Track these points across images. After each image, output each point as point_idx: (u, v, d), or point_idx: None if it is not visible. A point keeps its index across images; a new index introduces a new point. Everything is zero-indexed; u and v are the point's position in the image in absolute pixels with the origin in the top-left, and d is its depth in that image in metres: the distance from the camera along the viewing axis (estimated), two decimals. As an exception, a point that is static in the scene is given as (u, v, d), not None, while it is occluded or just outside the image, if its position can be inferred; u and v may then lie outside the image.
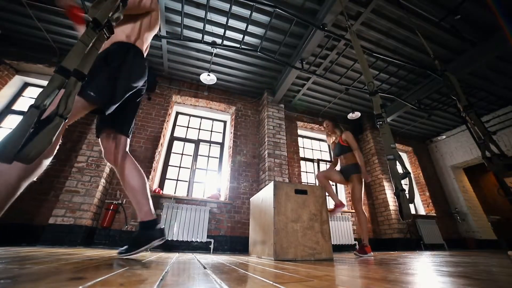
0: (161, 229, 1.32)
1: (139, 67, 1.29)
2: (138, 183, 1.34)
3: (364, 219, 2.67)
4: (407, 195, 0.91)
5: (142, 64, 1.33)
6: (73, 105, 0.67)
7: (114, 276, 0.67)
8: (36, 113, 0.60)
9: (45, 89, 0.63)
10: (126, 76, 1.20)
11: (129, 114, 1.43)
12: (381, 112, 1.08)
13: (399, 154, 0.99)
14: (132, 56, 1.26)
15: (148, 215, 1.32)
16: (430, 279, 0.79)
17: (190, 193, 3.86)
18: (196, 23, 3.33)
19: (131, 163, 1.39)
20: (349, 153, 2.91)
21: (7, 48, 3.56)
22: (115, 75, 1.15)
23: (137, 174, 1.36)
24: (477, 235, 5.13)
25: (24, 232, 2.71)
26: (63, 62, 0.67)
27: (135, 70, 1.27)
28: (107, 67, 1.12)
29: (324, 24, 2.96)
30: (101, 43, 0.79)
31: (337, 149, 3.02)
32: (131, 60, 1.24)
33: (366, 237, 2.59)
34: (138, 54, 1.31)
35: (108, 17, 0.80)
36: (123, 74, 1.19)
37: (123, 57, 1.22)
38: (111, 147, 1.38)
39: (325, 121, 3.25)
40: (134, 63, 1.27)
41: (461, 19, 3.10)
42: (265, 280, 0.71)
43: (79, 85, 0.69)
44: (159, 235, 1.29)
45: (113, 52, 1.18)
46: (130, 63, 1.24)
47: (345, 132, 2.97)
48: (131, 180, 1.34)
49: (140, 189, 1.33)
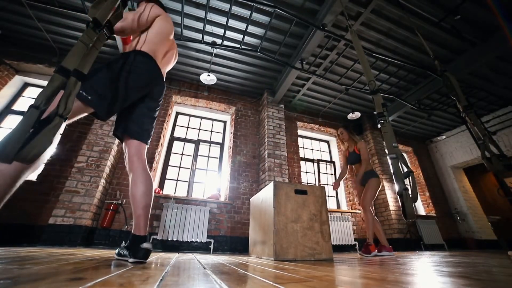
0: (146, 249, 1.17)
1: (142, 68, 1.26)
2: (139, 196, 1.23)
3: (371, 219, 2.69)
4: (410, 194, 0.90)
5: (145, 64, 1.29)
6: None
7: (114, 276, 0.67)
8: (36, 113, 0.60)
9: (45, 89, 0.63)
10: (126, 77, 1.18)
11: (142, 118, 1.35)
12: (382, 111, 1.08)
13: (402, 153, 0.98)
14: (133, 58, 1.25)
15: (137, 229, 1.22)
16: (430, 279, 0.79)
17: (190, 193, 3.85)
18: (196, 23, 3.33)
19: (140, 173, 1.28)
20: None
21: (7, 48, 3.56)
22: (114, 78, 1.13)
23: (142, 187, 1.25)
24: (477, 235, 5.13)
25: (24, 232, 2.71)
26: (63, 62, 0.67)
27: (137, 71, 1.24)
28: (106, 69, 1.12)
29: (324, 24, 2.97)
30: (101, 43, 0.79)
31: (352, 158, 3.08)
32: (131, 61, 1.23)
33: (371, 235, 2.60)
34: (141, 55, 1.30)
35: (108, 17, 0.80)
36: (123, 75, 1.17)
37: (124, 60, 1.21)
38: (125, 153, 1.34)
39: (340, 129, 3.27)
40: (136, 65, 1.24)
41: (461, 19, 3.10)
42: (265, 280, 0.71)
43: (79, 85, 0.69)
44: (141, 255, 1.15)
45: (115, 58, 1.20)
46: (130, 65, 1.22)
47: (360, 142, 3.02)
48: (132, 190, 1.25)
49: (138, 202, 1.23)
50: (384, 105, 1.09)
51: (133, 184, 1.26)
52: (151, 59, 1.35)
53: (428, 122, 5.69)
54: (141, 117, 1.35)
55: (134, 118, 1.34)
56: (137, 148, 1.32)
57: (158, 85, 1.42)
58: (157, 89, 1.42)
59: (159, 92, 1.44)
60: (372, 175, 2.86)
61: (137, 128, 1.33)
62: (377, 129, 5.44)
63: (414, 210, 0.90)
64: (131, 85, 1.21)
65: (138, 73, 1.25)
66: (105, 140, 3.20)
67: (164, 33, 1.48)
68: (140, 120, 1.35)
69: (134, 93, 1.25)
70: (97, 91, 1.05)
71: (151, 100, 1.40)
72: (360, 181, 2.99)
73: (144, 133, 1.35)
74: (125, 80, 1.19)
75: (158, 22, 1.45)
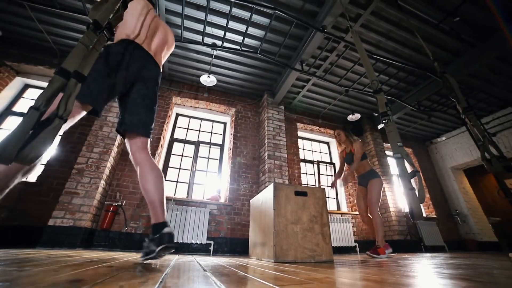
0: (169, 233, 1.16)
1: (119, 53, 1.22)
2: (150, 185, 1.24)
3: (380, 222, 2.67)
4: (417, 194, 0.89)
5: (121, 49, 1.24)
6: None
7: (113, 278, 0.66)
8: (36, 115, 0.60)
9: (45, 91, 0.63)
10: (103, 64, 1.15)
11: (136, 109, 1.29)
12: (386, 110, 1.07)
13: (407, 152, 0.96)
14: (114, 45, 1.23)
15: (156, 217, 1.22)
16: (431, 281, 0.79)
17: (190, 195, 3.85)
18: (196, 25, 3.34)
19: (146, 164, 1.27)
20: (363, 161, 2.99)
21: (8, 50, 3.57)
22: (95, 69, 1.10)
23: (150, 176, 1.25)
24: (477, 237, 5.12)
25: (23, 234, 2.70)
26: (63, 63, 0.67)
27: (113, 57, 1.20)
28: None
29: (324, 26, 2.98)
30: (102, 45, 0.79)
31: (349, 158, 3.09)
32: (109, 48, 1.21)
33: (381, 238, 2.60)
34: (117, 43, 1.26)
35: (108, 19, 0.81)
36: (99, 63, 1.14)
37: (105, 49, 1.20)
38: (129, 150, 1.31)
39: (337, 130, 3.29)
40: (113, 51, 1.21)
41: (460, 21, 3.11)
42: (265, 283, 0.71)
43: (79, 86, 0.69)
44: (166, 240, 1.14)
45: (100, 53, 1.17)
46: (107, 51, 1.20)
47: (356, 142, 3.03)
48: (142, 183, 1.25)
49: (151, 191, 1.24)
50: (388, 104, 1.08)
51: (141, 177, 1.25)
52: (129, 43, 1.29)
53: (428, 123, 5.70)
54: (136, 108, 1.29)
55: (129, 109, 1.29)
56: (138, 144, 1.29)
57: (146, 69, 1.34)
58: (147, 73, 1.34)
59: (151, 76, 1.36)
60: (373, 175, 2.85)
61: (133, 119, 1.27)
62: (377, 131, 5.44)
63: (421, 210, 0.89)
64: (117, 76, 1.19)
65: (117, 61, 1.21)
66: (105, 141, 3.20)
67: (136, 11, 1.42)
68: (135, 111, 1.29)
69: (121, 84, 1.23)
70: (89, 87, 1.05)
71: (143, 87, 1.33)
72: (360, 180, 2.98)
73: (141, 125, 1.28)
74: (108, 71, 1.16)
75: (130, 5, 1.38)
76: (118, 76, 1.21)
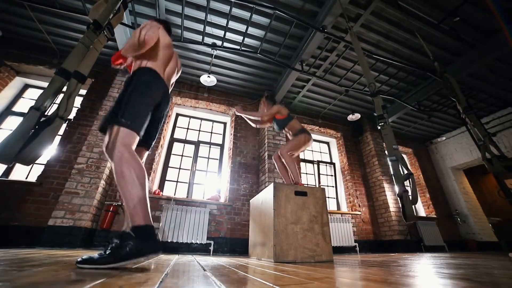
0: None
1: (145, 81, 1.26)
2: None
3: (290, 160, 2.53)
4: (410, 196, 0.90)
5: (149, 78, 1.28)
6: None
7: (113, 278, 0.66)
8: (36, 115, 0.60)
9: (45, 91, 0.63)
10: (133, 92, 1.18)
11: (152, 130, 1.42)
12: (382, 113, 1.08)
13: (402, 155, 0.98)
14: (138, 74, 1.25)
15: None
16: (431, 281, 0.79)
17: (190, 195, 3.85)
18: (196, 25, 3.34)
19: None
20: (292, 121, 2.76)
21: (8, 50, 3.57)
22: (128, 98, 1.14)
23: None
24: (477, 237, 5.12)
25: (23, 234, 2.70)
26: (63, 63, 0.68)
27: (140, 85, 1.23)
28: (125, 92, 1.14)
29: (324, 26, 2.98)
30: (102, 45, 0.79)
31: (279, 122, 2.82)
32: (136, 78, 1.24)
33: (296, 174, 2.48)
34: (147, 74, 1.29)
35: (108, 19, 0.81)
36: (130, 90, 1.17)
37: (130, 79, 1.23)
38: None
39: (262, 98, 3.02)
40: (140, 80, 1.24)
41: (460, 21, 3.11)
42: (265, 282, 0.71)
43: (79, 86, 0.70)
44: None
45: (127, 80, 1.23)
46: (136, 81, 1.22)
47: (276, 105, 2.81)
48: None
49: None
50: (384, 107, 1.09)
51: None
52: (158, 76, 1.36)
53: (428, 123, 5.70)
54: (152, 129, 1.41)
55: (150, 133, 1.42)
56: (144, 156, 1.48)
57: (166, 99, 1.44)
58: (164, 104, 1.44)
59: (166, 105, 1.48)
60: (301, 132, 2.65)
61: (151, 142, 1.45)
62: (377, 131, 5.44)
63: (414, 212, 0.90)
64: (148, 102, 1.24)
65: (148, 92, 1.25)
66: (105, 141, 3.20)
67: (165, 44, 1.46)
68: (151, 132, 1.42)
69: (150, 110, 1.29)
70: (132, 114, 1.08)
71: (157, 113, 1.42)
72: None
73: (151, 143, 1.47)
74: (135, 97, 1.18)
75: (161, 37, 1.43)
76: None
